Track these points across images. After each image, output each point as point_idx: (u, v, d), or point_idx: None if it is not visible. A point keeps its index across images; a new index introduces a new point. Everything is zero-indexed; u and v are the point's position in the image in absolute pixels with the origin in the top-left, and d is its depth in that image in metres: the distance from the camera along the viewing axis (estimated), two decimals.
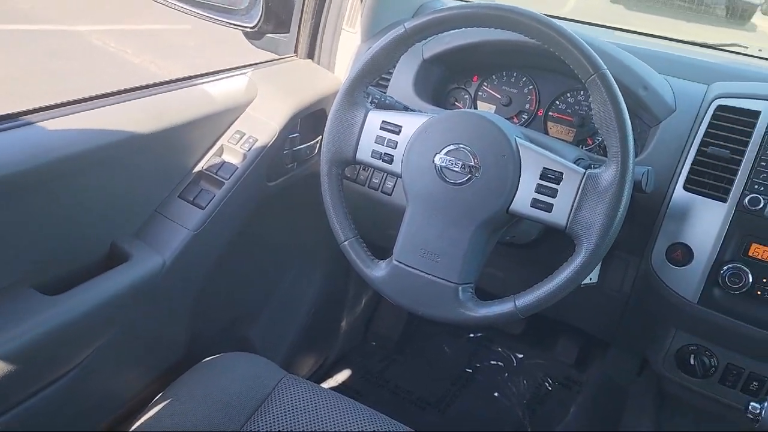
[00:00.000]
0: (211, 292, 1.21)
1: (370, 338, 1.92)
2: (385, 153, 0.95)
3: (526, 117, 1.26)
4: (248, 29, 1.29)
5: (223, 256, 1.18)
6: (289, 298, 1.55)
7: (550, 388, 1.80)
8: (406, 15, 1.39)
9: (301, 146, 1.29)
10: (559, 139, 1.24)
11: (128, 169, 1.01)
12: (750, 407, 0.94)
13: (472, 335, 1.94)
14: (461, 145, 0.89)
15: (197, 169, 1.15)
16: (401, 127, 0.94)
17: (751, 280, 0.95)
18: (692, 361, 1.10)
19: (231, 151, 1.17)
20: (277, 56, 1.40)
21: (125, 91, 1.05)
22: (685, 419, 1.22)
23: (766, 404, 0.92)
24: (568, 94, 1.23)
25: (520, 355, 1.88)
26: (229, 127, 1.19)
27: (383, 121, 0.95)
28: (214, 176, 1.14)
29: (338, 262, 1.56)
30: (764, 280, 0.95)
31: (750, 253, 0.96)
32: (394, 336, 1.90)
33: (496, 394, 1.80)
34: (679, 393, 1.25)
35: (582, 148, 1.21)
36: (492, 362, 1.89)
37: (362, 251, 0.97)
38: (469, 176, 0.88)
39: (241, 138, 1.17)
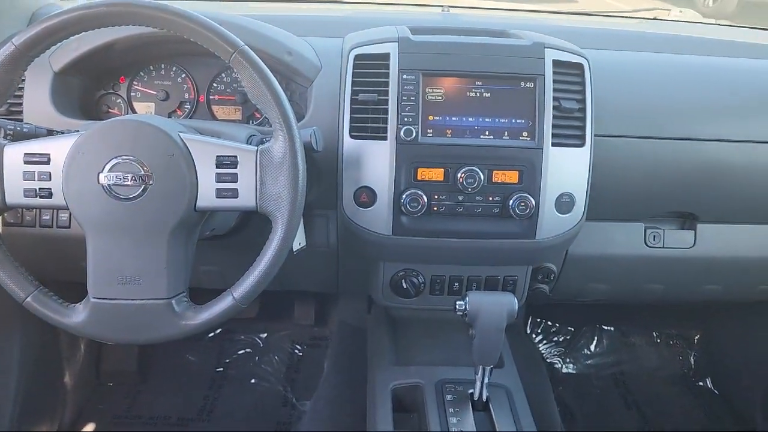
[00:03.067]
0: None
1: (104, 379, 1.75)
2: (40, 188, 0.84)
3: (189, 107, 1.22)
4: None
5: None
6: None
7: (301, 354, 1.86)
8: (18, 25, 1.22)
9: None
10: (228, 121, 1.23)
11: None
12: (457, 305, 1.08)
13: (211, 334, 1.89)
14: (124, 157, 0.83)
15: None
16: (49, 154, 0.84)
17: (426, 201, 1.07)
18: (404, 285, 1.22)
19: None
20: None
21: None
22: (416, 333, 1.37)
23: (467, 299, 1.07)
24: (223, 75, 1.22)
25: (264, 335, 1.90)
26: None
27: (25, 154, 0.84)
28: None
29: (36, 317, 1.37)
30: (436, 197, 1.08)
31: (419, 178, 1.08)
32: (131, 367, 1.76)
33: (253, 380, 1.79)
34: (405, 314, 1.39)
35: (252, 123, 1.22)
36: (240, 352, 1.87)
37: (50, 301, 0.86)
38: (143, 187, 0.83)
39: None
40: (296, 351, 1.86)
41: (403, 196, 1.07)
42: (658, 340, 2.03)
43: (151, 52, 1.19)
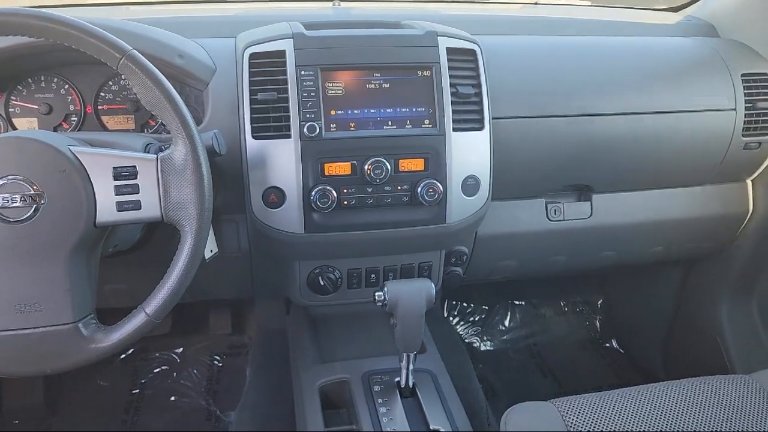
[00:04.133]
0: None
1: (8, 417, 1.63)
2: None
3: (76, 119, 1.15)
4: None
5: None
6: None
7: (221, 365, 1.81)
8: None
9: None
10: (121, 131, 1.17)
11: None
12: (376, 296, 1.09)
13: (123, 356, 1.80)
14: (10, 177, 0.77)
15: None
16: None
17: (336, 195, 1.07)
18: (322, 282, 1.21)
19: None
20: None
21: None
22: (338, 329, 1.37)
23: (385, 289, 1.08)
24: (110, 83, 1.16)
25: (180, 349, 1.83)
26: None
27: None
28: None
29: None
30: (345, 191, 1.08)
31: (327, 173, 1.07)
32: (38, 400, 1.65)
33: (173, 398, 1.73)
34: (325, 311, 1.38)
35: (147, 132, 1.17)
36: (156, 370, 1.80)
37: None
38: (34, 207, 0.78)
39: None
40: (216, 362, 1.81)
41: (312, 193, 1.06)
42: (566, 309, 2.14)
43: (28, 63, 1.11)
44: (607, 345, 2.06)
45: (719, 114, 1.31)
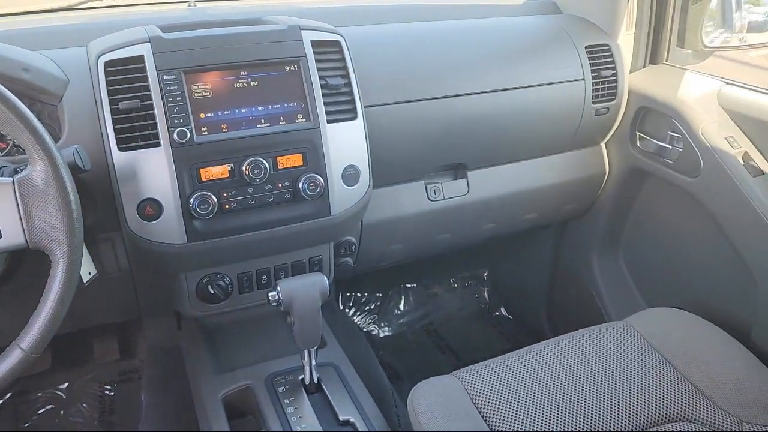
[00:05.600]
0: None
1: None
2: None
3: None
4: None
5: None
6: None
7: (113, 394, 1.71)
8: None
9: None
10: None
11: None
12: (270, 297, 1.07)
13: (0, 401, 1.65)
14: None
15: None
16: None
17: (216, 200, 1.04)
18: (212, 290, 1.18)
19: None
20: None
21: None
22: (235, 336, 1.34)
23: (278, 288, 1.07)
24: None
25: (65, 385, 1.71)
26: None
27: None
28: None
29: None
30: (225, 195, 1.06)
31: (204, 178, 1.04)
32: None
33: None
34: (219, 320, 1.34)
35: None
36: (40, 411, 1.67)
37: None
38: None
39: None
40: (107, 392, 1.71)
41: (191, 201, 1.03)
42: (455, 285, 2.22)
43: None
44: (497, 313, 2.17)
45: (570, 85, 1.41)
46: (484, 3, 1.60)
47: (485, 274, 2.23)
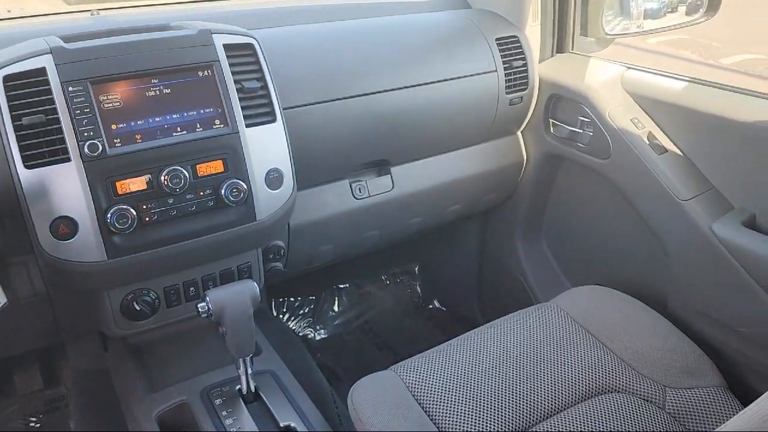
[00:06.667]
0: None
1: None
2: None
3: None
4: None
5: None
6: None
7: (38, 425, 1.63)
8: None
9: None
10: None
11: None
12: (199, 309, 1.05)
13: None
14: None
15: None
16: None
17: (135, 213, 1.01)
18: (138, 307, 1.14)
19: None
20: None
21: None
22: (167, 351, 1.30)
23: (207, 299, 1.04)
24: None
25: None
26: None
27: None
28: None
29: None
30: (145, 207, 1.02)
31: (120, 192, 1.00)
32: None
33: None
34: (148, 337, 1.30)
35: None
36: None
37: None
38: None
39: None
40: (32, 424, 1.62)
41: (108, 216, 0.99)
42: (388, 282, 2.24)
43: None
44: (431, 306, 2.20)
45: (484, 77, 1.45)
46: (396, 0, 1.62)
47: (416, 269, 2.26)
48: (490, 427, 1.01)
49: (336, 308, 2.13)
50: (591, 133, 1.43)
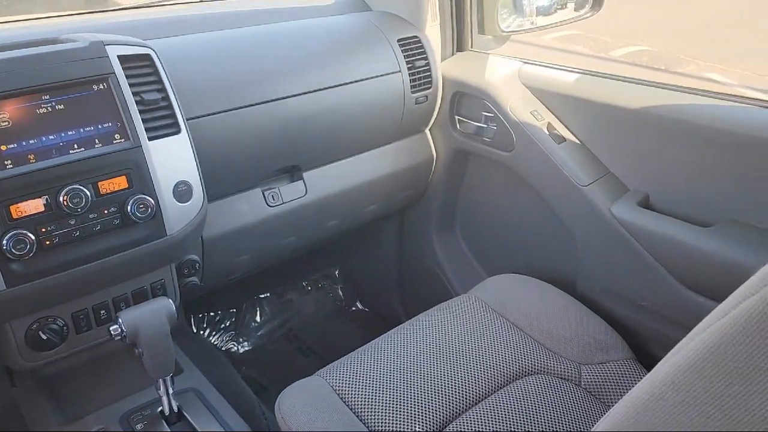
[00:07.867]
0: None
1: None
2: None
3: None
4: None
5: None
6: None
7: None
8: None
9: None
10: None
11: None
12: (111, 332, 1.01)
13: None
14: None
15: None
16: None
17: (34, 238, 0.95)
18: (44, 336, 1.07)
19: None
20: None
21: None
22: (80, 380, 1.24)
23: (120, 320, 1.00)
24: None
25: None
26: None
27: None
28: None
29: None
30: (44, 230, 0.97)
31: (15, 216, 0.95)
32: None
33: None
34: (59, 367, 1.23)
35: None
36: None
37: None
38: None
39: None
40: None
41: (3, 242, 0.93)
42: (309, 288, 2.23)
43: None
44: (354, 308, 2.21)
45: (388, 78, 1.47)
46: (296, 6, 1.62)
47: (336, 272, 2.26)
48: (419, 421, 1.03)
49: (258, 319, 2.10)
50: (495, 128, 1.48)
